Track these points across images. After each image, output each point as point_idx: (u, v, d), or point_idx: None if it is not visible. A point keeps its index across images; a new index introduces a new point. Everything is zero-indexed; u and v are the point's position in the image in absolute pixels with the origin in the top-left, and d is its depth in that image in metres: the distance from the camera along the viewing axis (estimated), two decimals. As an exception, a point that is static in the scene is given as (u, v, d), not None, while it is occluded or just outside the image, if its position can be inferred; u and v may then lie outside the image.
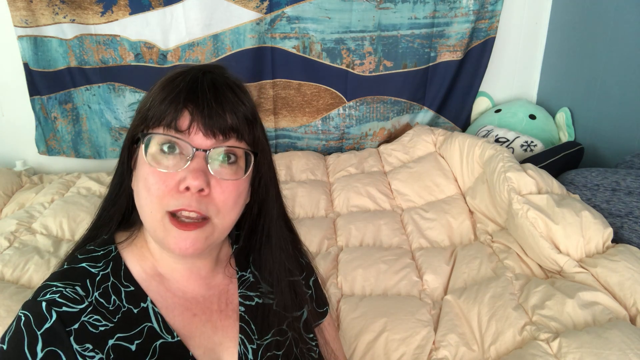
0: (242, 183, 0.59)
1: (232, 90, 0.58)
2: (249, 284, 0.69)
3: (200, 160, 0.55)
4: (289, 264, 0.70)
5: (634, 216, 1.21)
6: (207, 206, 0.56)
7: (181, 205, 0.54)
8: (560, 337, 0.93)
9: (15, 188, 1.90)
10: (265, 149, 0.64)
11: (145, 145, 0.56)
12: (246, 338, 0.64)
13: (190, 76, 0.57)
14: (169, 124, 0.55)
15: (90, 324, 0.54)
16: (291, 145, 2.19)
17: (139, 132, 0.58)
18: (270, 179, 0.67)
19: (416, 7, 1.93)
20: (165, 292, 0.61)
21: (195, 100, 0.55)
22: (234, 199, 0.58)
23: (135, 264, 0.61)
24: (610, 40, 1.64)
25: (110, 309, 0.56)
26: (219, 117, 0.56)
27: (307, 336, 0.71)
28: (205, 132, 0.55)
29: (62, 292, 0.54)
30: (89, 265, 0.59)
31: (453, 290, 1.23)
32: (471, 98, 2.13)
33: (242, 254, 0.71)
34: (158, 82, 0.59)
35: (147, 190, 0.55)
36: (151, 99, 0.57)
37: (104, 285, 0.58)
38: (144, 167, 0.56)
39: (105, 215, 0.64)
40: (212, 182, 0.56)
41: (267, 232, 0.68)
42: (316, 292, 0.78)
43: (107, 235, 0.63)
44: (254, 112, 0.60)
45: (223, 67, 0.61)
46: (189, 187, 0.54)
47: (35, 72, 1.97)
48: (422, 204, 1.67)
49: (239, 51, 1.98)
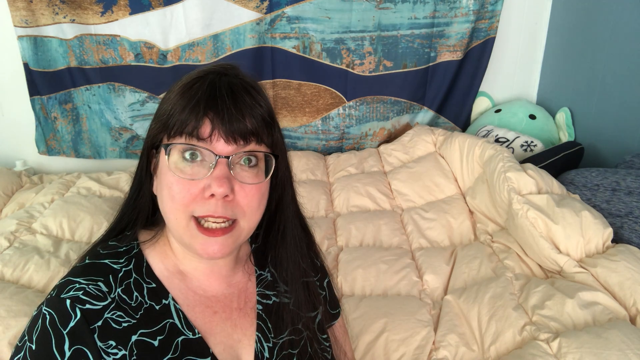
0: (264, 185, 0.61)
1: (248, 93, 0.59)
2: (266, 282, 0.70)
3: (223, 166, 0.56)
4: (304, 263, 0.70)
5: (634, 216, 1.21)
6: (233, 210, 0.57)
7: (207, 212, 0.56)
8: (560, 337, 0.93)
9: (15, 188, 1.90)
10: (283, 150, 0.65)
11: (168, 154, 0.57)
12: (262, 336, 0.65)
13: (208, 82, 0.57)
14: (190, 133, 0.55)
15: (113, 320, 0.55)
16: (291, 145, 2.19)
17: (159, 140, 0.59)
18: (287, 178, 0.68)
19: (416, 7, 1.93)
20: (186, 290, 0.62)
21: (215, 107, 0.56)
22: (258, 201, 0.60)
23: (157, 262, 0.62)
24: (610, 40, 1.63)
25: (132, 305, 0.57)
26: (239, 123, 0.56)
27: (321, 336, 0.72)
28: (226, 139, 0.56)
29: (85, 289, 0.55)
30: (111, 261, 0.59)
31: (453, 290, 1.23)
32: (471, 98, 2.13)
33: (261, 252, 0.72)
34: (176, 88, 0.59)
35: (171, 198, 0.56)
36: (171, 106, 0.57)
37: (127, 282, 0.58)
38: (167, 175, 0.57)
39: (126, 216, 0.65)
40: (236, 187, 0.57)
41: (283, 230, 0.68)
42: (330, 293, 0.79)
43: (129, 232, 0.64)
44: (270, 112, 0.61)
45: (237, 67, 0.62)
46: (214, 194, 0.55)
47: (35, 72, 1.97)
48: (422, 204, 1.67)
49: (239, 51, 1.98)
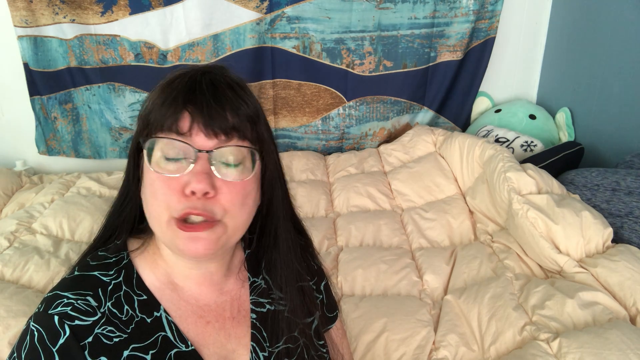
0: (249, 183, 0.58)
1: (231, 89, 0.57)
2: (260, 290, 0.68)
3: (204, 162, 0.53)
4: (299, 267, 0.68)
5: (634, 216, 1.21)
6: (213, 208, 0.54)
7: (186, 209, 0.53)
8: (560, 337, 0.93)
9: (15, 188, 1.90)
10: (270, 148, 0.61)
11: (149, 151, 0.55)
12: (257, 345, 0.63)
13: (189, 77, 0.56)
14: (169, 127, 0.54)
15: (104, 336, 0.53)
16: (291, 145, 2.19)
17: (141, 138, 0.57)
18: (276, 178, 0.64)
19: (416, 7, 1.93)
20: (178, 300, 0.60)
21: (194, 100, 0.54)
22: (241, 199, 0.56)
23: (147, 272, 0.60)
24: (610, 40, 1.63)
25: (123, 319, 0.56)
26: (219, 116, 0.54)
27: (317, 342, 0.70)
28: (206, 133, 0.54)
29: (73, 305, 0.53)
30: (101, 273, 0.58)
31: (453, 290, 1.23)
32: (471, 98, 2.13)
33: (255, 259, 0.70)
34: (157, 86, 0.58)
35: (154, 196, 0.55)
36: (151, 102, 0.56)
37: (117, 295, 0.57)
38: (149, 173, 0.55)
39: (112, 223, 0.63)
40: (218, 183, 0.54)
41: (275, 233, 0.66)
42: (327, 296, 0.77)
43: (119, 241, 0.62)
44: (256, 110, 0.59)
45: (224, 67, 0.60)
46: (194, 191, 0.52)
47: (35, 72, 1.98)
48: (422, 204, 1.67)
49: (239, 51, 1.98)
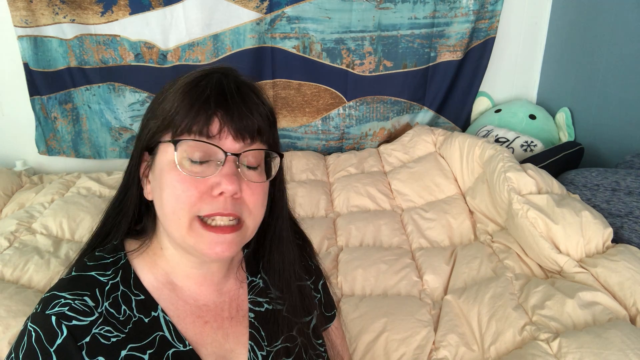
0: (267, 185, 0.61)
1: (253, 92, 0.58)
2: (258, 289, 0.69)
3: (232, 164, 0.55)
4: (297, 266, 0.69)
5: (634, 216, 1.21)
6: (240, 208, 0.57)
7: (216, 210, 0.55)
8: (560, 337, 0.93)
9: (15, 188, 1.90)
10: (279, 149, 0.64)
11: (176, 151, 0.55)
12: (256, 345, 0.64)
13: (215, 80, 0.57)
14: (200, 130, 0.54)
15: (101, 336, 0.54)
16: (291, 145, 2.19)
17: (158, 139, 0.57)
18: (281, 180, 0.68)
19: (416, 7, 1.93)
20: (176, 300, 0.61)
21: (225, 104, 0.55)
22: (262, 200, 0.59)
23: (146, 272, 0.61)
24: (610, 40, 1.63)
25: (120, 319, 0.56)
26: (247, 120, 0.56)
27: (316, 342, 0.71)
28: (235, 136, 0.56)
29: (70, 305, 0.53)
30: (98, 273, 0.58)
31: (453, 290, 1.23)
32: (471, 98, 2.13)
33: (253, 258, 0.71)
34: (177, 87, 0.57)
35: (176, 197, 0.55)
36: (175, 105, 0.56)
37: (114, 295, 0.57)
38: (170, 174, 0.55)
39: (110, 222, 0.63)
40: (242, 185, 0.56)
41: (279, 233, 0.68)
42: (325, 295, 0.78)
43: (116, 241, 0.62)
44: (272, 111, 0.61)
45: (234, 69, 0.61)
46: (223, 191, 0.54)
47: (35, 72, 1.97)
48: (422, 204, 1.67)
49: (239, 51, 1.98)
